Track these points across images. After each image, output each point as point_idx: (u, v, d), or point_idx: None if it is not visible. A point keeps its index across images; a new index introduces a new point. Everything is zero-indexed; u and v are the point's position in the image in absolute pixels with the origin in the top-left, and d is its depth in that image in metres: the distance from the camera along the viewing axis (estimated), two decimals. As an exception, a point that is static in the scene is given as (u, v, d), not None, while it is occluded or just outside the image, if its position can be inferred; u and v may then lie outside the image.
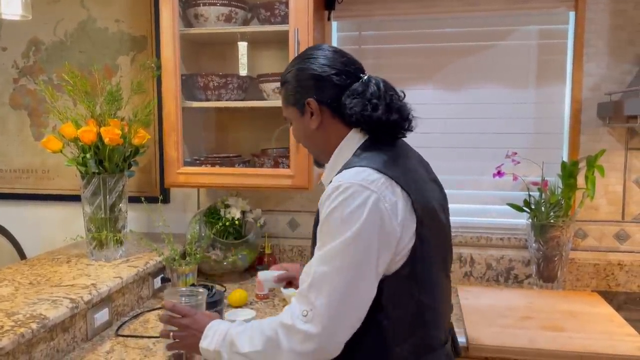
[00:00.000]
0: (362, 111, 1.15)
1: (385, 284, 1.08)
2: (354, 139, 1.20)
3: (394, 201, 1.06)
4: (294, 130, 1.33)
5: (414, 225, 1.09)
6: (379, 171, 1.08)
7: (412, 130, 1.21)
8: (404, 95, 1.23)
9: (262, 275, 1.64)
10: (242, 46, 2.16)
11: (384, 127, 1.17)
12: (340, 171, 1.14)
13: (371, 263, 1.03)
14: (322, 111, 1.22)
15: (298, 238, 2.36)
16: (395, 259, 1.08)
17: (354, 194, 1.04)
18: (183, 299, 1.37)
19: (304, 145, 1.34)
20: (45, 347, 1.41)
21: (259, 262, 2.26)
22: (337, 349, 1.04)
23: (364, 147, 1.18)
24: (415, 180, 1.14)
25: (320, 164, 1.35)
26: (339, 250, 1.03)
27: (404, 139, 1.25)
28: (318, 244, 1.08)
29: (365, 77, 1.21)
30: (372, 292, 1.06)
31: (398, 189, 1.07)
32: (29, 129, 2.53)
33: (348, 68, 1.22)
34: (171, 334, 1.26)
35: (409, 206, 1.08)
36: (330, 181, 1.13)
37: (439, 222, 1.18)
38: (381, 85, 1.19)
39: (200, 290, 1.42)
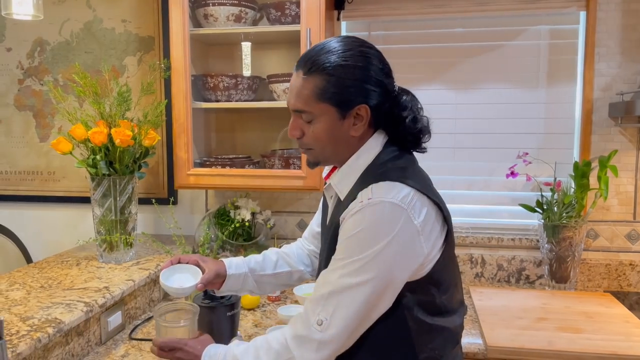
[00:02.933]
0: (419, 126, 1.13)
1: (411, 288, 1.07)
2: (376, 144, 1.14)
3: (424, 215, 1.04)
4: (319, 130, 1.12)
5: (444, 234, 1.09)
6: (408, 185, 1.05)
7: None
8: None
9: (174, 289, 1.27)
10: (246, 46, 2.14)
11: (418, 139, 1.15)
12: (364, 180, 1.09)
13: (394, 280, 1.03)
14: (369, 118, 1.11)
15: (307, 239, 2.34)
16: (422, 269, 1.06)
17: (385, 212, 1.01)
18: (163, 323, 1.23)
19: (319, 147, 1.15)
20: (61, 352, 1.39)
21: (269, 264, 2.24)
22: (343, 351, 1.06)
23: (387, 155, 1.13)
24: (434, 189, 1.14)
25: (317, 164, 1.22)
26: (365, 264, 1.01)
27: None
28: (342, 254, 1.04)
29: (399, 87, 1.16)
30: (388, 305, 1.05)
31: (427, 201, 1.06)
32: (34, 130, 2.50)
33: (393, 77, 1.15)
34: None
35: (439, 216, 1.08)
36: (351, 190, 1.11)
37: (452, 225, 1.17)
38: (416, 98, 1.17)
39: (190, 307, 1.28)
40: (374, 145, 1.14)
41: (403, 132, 1.13)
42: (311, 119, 1.12)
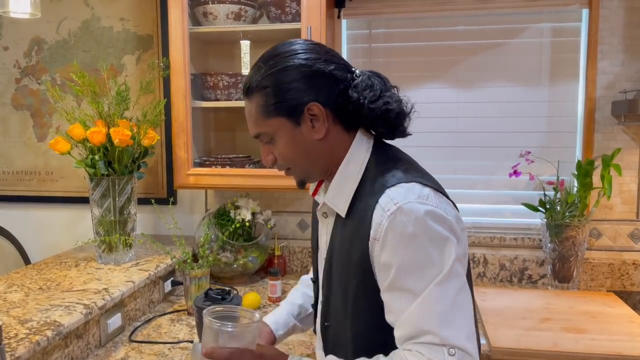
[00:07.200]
0: (384, 106, 1.00)
1: None
2: (361, 146, 1.04)
3: (453, 212, 0.98)
4: (282, 147, 1.04)
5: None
6: (423, 184, 0.97)
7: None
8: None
9: None
10: (245, 45, 2.12)
11: (398, 122, 1.04)
12: (372, 189, 0.99)
13: (465, 274, 0.96)
14: (327, 116, 1.01)
15: (308, 239, 2.33)
16: None
17: (418, 210, 0.92)
18: (229, 328, 0.97)
19: (293, 164, 1.06)
20: (60, 355, 1.37)
21: (269, 265, 2.23)
22: None
23: (382, 155, 1.04)
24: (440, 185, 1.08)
25: (304, 183, 1.13)
26: (447, 276, 0.90)
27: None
28: (413, 281, 0.91)
29: (359, 71, 1.05)
30: None
31: (445, 199, 0.99)
32: (31, 130, 2.48)
33: (343, 61, 1.04)
34: None
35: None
36: (350, 203, 1.02)
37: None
38: (382, 78, 1.06)
39: (256, 315, 1.01)
40: (360, 146, 1.05)
41: (372, 119, 1.02)
42: (270, 138, 1.05)
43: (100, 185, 1.85)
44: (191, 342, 1.57)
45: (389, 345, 0.97)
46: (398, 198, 0.94)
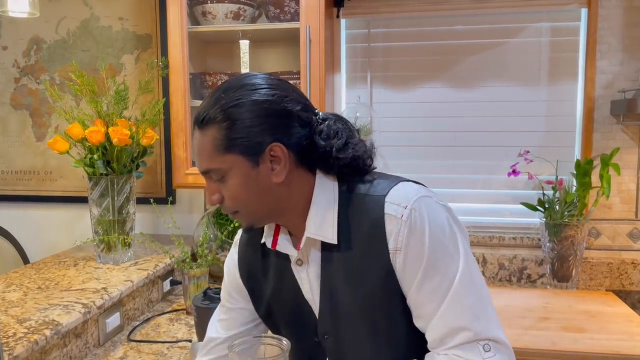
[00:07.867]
0: (352, 153, 0.97)
1: None
2: (326, 180, 0.99)
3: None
4: (234, 188, 0.94)
5: None
6: (406, 181, 0.99)
7: None
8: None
9: None
10: (244, 44, 2.12)
11: (364, 167, 1.01)
12: (360, 209, 0.96)
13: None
14: (289, 158, 0.94)
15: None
16: None
17: (428, 206, 0.93)
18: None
19: (243, 207, 0.97)
20: (59, 354, 1.37)
21: (268, 264, 2.23)
22: None
23: (349, 181, 1.00)
24: None
25: (253, 228, 1.04)
26: (468, 269, 0.92)
27: None
28: (436, 277, 0.91)
29: (323, 114, 1.00)
30: None
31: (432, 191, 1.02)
32: (30, 130, 2.48)
33: (307, 102, 0.98)
34: None
35: None
36: (337, 232, 0.96)
37: None
38: (346, 121, 1.01)
39: (284, 343, 0.93)
40: (325, 180, 0.99)
41: (338, 167, 0.98)
42: (221, 176, 0.95)
43: (99, 185, 1.85)
44: (190, 341, 1.57)
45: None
46: (403, 201, 0.93)
